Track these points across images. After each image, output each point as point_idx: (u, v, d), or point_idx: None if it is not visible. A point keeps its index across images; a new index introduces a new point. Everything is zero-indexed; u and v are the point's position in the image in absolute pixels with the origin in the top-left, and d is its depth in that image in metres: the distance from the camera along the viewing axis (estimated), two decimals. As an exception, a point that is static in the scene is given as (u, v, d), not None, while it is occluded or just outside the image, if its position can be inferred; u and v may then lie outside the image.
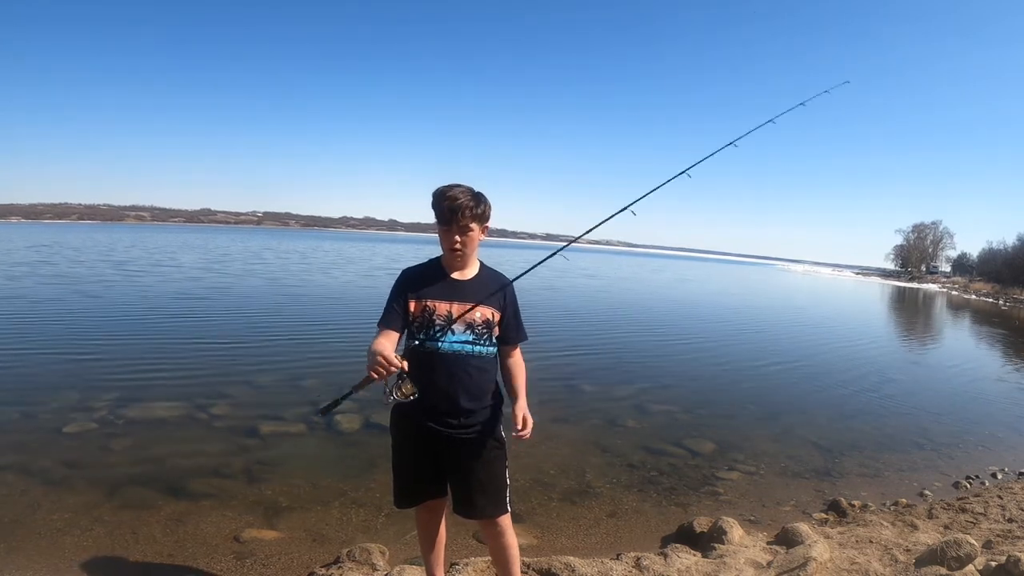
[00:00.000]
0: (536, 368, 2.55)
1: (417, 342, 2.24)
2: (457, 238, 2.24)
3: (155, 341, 8.88)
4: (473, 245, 2.29)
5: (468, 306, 2.25)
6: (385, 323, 2.26)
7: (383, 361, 2.00)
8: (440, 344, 2.22)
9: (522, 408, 2.30)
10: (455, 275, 2.32)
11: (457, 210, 2.21)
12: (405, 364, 2.05)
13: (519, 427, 2.24)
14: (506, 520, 2.39)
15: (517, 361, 2.44)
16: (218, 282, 17.19)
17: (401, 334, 2.28)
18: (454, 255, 2.27)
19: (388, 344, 2.15)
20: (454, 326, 2.23)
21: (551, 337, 10.95)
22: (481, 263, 2.40)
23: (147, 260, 23.97)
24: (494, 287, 2.34)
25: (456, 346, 2.23)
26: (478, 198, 2.26)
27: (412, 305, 2.26)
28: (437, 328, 2.23)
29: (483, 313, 2.28)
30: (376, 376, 2.02)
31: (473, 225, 2.25)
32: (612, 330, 13.35)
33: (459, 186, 2.27)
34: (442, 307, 2.25)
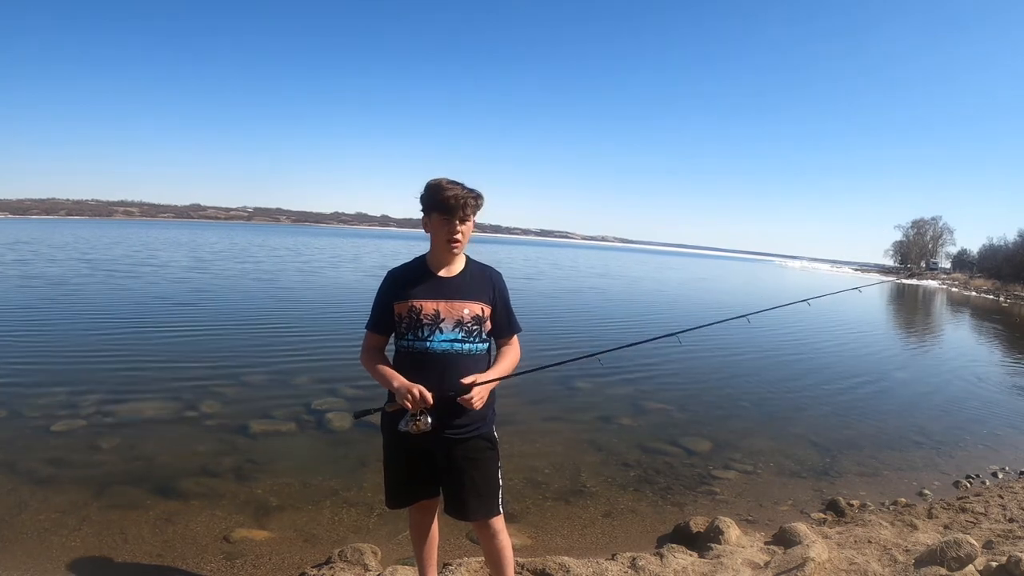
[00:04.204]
0: (531, 365, 2.49)
1: (406, 343, 2.23)
2: (459, 226, 2.20)
3: (144, 340, 8.81)
4: (468, 237, 2.27)
5: (455, 304, 2.22)
6: (373, 327, 2.32)
7: (417, 397, 2.09)
8: (429, 344, 2.19)
9: (484, 376, 2.18)
10: (441, 273, 2.28)
11: (461, 199, 2.18)
12: (431, 400, 2.11)
13: (466, 385, 2.13)
14: (499, 521, 2.36)
15: (509, 348, 2.36)
16: (208, 282, 17.05)
17: (389, 336, 2.31)
18: (452, 247, 2.22)
19: (383, 357, 2.29)
20: (442, 325, 2.20)
21: (549, 335, 10.89)
22: (468, 257, 2.35)
23: (132, 259, 23.78)
24: (481, 281, 2.31)
25: (445, 345, 2.19)
26: (477, 192, 2.24)
27: (397, 307, 2.24)
28: (425, 328, 2.20)
29: (472, 309, 2.24)
30: (410, 407, 2.10)
31: (472, 216, 2.24)
32: (611, 328, 13.31)
33: (452, 180, 2.24)
34: (428, 306, 2.21)
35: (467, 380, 2.14)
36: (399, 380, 2.16)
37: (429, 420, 2.13)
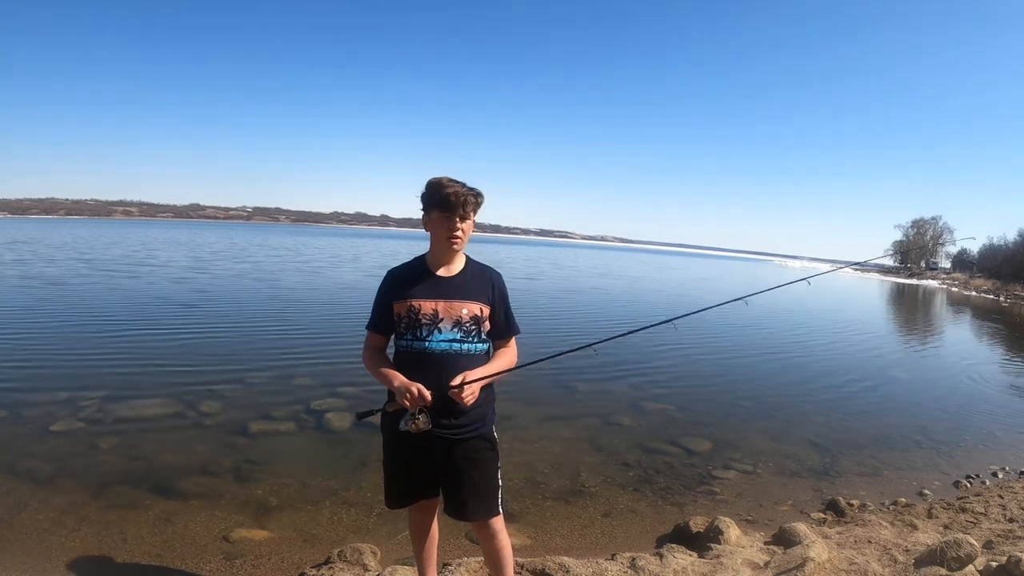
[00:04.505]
0: (525, 360, 2.48)
1: (405, 343, 2.23)
2: (459, 224, 2.20)
3: (143, 340, 8.80)
4: (468, 236, 2.26)
5: (454, 304, 2.22)
6: (373, 328, 2.33)
7: (416, 395, 2.09)
8: (428, 344, 2.19)
9: (475, 373, 2.16)
10: (440, 272, 2.27)
11: (462, 196, 2.18)
12: (429, 398, 2.10)
13: (456, 383, 2.12)
14: (499, 522, 2.35)
15: (506, 350, 2.34)
16: (207, 282, 17.02)
17: (390, 336, 2.32)
18: (452, 244, 2.22)
19: (385, 357, 2.30)
20: (441, 325, 2.20)
21: (551, 336, 10.88)
22: (468, 257, 2.35)
23: (132, 259, 23.73)
24: (481, 281, 2.30)
25: (444, 345, 2.19)
26: (477, 190, 2.24)
27: (396, 306, 2.24)
28: (424, 328, 2.20)
29: (471, 309, 2.23)
30: (409, 406, 2.10)
31: (472, 215, 2.23)
32: (613, 328, 13.29)
33: (452, 178, 2.24)
34: (427, 306, 2.21)
35: (456, 380, 2.12)
36: (399, 379, 2.15)
37: (428, 419, 2.13)
